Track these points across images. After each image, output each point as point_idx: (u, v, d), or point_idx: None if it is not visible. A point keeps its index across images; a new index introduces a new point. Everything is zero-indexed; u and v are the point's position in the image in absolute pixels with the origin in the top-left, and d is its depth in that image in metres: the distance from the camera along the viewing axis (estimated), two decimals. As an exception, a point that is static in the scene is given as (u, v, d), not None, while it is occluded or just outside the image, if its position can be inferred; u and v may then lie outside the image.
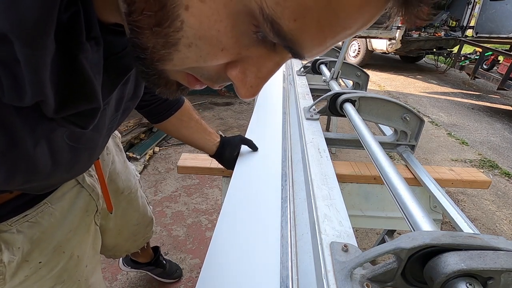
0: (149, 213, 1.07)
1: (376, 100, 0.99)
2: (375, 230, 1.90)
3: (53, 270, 0.59)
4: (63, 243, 0.60)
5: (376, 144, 0.72)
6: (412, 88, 5.47)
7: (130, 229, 0.98)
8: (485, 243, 0.34)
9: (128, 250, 1.06)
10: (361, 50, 6.56)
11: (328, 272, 0.40)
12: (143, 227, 1.04)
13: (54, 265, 0.58)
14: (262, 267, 0.51)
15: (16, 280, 0.53)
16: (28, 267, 0.54)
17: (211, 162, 1.01)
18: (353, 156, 2.82)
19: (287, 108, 1.29)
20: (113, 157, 0.82)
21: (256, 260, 0.52)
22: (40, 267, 0.56)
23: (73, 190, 0.62)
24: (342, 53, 1.33)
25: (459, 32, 6.38)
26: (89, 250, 0.69)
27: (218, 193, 2.16)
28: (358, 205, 1.02)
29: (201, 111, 3.69)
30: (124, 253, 1.06)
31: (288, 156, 0.87)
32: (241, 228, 0.60)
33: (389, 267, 0.36)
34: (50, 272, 0.58)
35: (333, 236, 0.48)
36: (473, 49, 5.81)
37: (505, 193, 2.48)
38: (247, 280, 0.48)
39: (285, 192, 0.71)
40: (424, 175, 0.92)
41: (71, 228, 0.61)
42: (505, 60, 4.16)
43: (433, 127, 3.80)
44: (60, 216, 0.58)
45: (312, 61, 1.73)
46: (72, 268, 0.62)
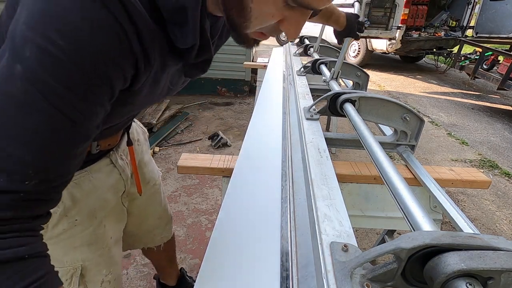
0: (169, 211, 1.13)
1: (376, 100, 0.99)
2: (375, 230, 1.90)
3: (85, 231, 0.69)
4: (96, 210, 0.71)
5: (376, 144, 0.72)
6: (412, 88, 5.47)
7: (151, 221, 1.03)
8: (485, 243, 0.34)
9: (145, 244, 1.10)
10: (361, 50, 6.56)
11: (328, 272, 0.40)
12: (163, 223, 1.09)
13: (86, 227, 0.69)
14: (262, 267, 0.51)
15: (55, 231, 0.63)
16: (67, 221, 0.65)
17: (211, 162, 1.01)
18: (353, 156, 2.82)
19: (287, 108, 1.29)
20: (143, 148, 0.93)
21: (256, 260, 0.52)
22: (75, 224, 0.66)
23: (108, 167, 0.74)
24: (342, 53, 1.33)
25: (459, 32, 6.38)
26: (115, 225, 0.80)
27: (218, 193, 2.16)
28: (358, 205, 1.02)
29: (201, 111, 3.69)
30: (141, 245, 1.10)
31: (288, 156, 0.87)
32: (241, 228, 0.60)
33: (389, 267, 0.36)
34: (82, 231, 0.69)
35: (333, 236, 0.48)
36: (473, 49, 5.81)
37: (505, 193, 2.48)
38: (247, 281, 0.48)
39: (285, 192, 0.71)
40: (424, 175, 0.92)
41: (104, 199, 0.72)
42: (505, 60, 4.16)
43: (433, 127, 3.80)
44: (96, 184, 0.70)
45: (312, 61, 1.73)
46: (100, 234, 0.73)
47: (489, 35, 5.66)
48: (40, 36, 0.32)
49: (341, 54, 1.33)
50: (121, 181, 0.79)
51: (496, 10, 5.51)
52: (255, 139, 0.93)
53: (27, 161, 0.34)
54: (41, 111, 0.33)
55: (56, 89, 0.33)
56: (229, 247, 0.55)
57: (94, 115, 0.38)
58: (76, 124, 0.35)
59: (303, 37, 2.73)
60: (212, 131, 3.08)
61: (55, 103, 0.33)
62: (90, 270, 0.73)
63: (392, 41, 5.78)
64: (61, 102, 0.33)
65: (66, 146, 0.36)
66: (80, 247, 0.70)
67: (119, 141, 0.77)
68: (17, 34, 0.33)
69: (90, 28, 0.32)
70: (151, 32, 0.38)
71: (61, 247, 0.62)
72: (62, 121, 0.34)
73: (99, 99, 0.37)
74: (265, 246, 0.55)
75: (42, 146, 0.34)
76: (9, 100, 0.32)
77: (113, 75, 0.36)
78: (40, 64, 0.32)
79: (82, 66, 0.33)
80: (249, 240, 0.57)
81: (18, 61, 0.32)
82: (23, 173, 0.34)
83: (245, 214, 0.64)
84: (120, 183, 0.79)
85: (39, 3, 0.32)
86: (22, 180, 0.34)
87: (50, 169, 0.36)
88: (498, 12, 5.47)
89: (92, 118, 0.37)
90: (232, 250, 0.55)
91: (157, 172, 1.03)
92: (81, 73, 0.33)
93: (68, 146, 0.37)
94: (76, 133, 0.37)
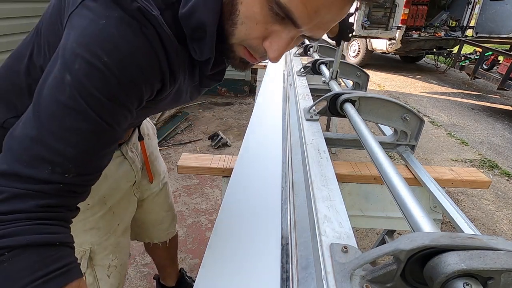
0: (174, 209, 1.19)
1: (376, 100, 0.99)
2: (375, 230, 1.90)
3: (95, 215, 0.76)
4: (107, 196, 0.78)
5: (376, 144, 0.72)
6: (412, 88, 5.47)
7: (159, 213, 1.09)
8: (484, 244, 0.34)
9: (150, 238, 1.14)
10: (361, 50, 6.56)
11: (328, 273, 0.40)
12: (169, 218, 1.15)
13: (96, 211, 0.76)
14: (262, 269, 0.51)
15: None
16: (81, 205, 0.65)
17: (211, 162, 1.01)
18: (353, 156, 2.82)
19: (287, 109, 1.29)
20: (152, 142, 1.00)
21: (256, 261, 0.52)
22: (87, 208, 0.73)
23: (119, 158, 0.81)
24: (338, 52, 1.33)
25: (459, 32, 6.38)
26: (124, 212, 0.86)
27: (218, 193, 2.16)
28: (358, 205, 1.02)
29: (201, 111, 3.69)
30: (146, 238, 1.15)
31: (288, 157, 0.87)
32: (241, 229, 0.60)
33: (388, 269, 0.36)
34: (93, 215, 0.76)
35: (333, 238, 0.48)
36: (473, 49, 5.81)
37: (505, 193, 2.48)
38: (247, 282, 0.48)
39: (285, 194, 0.71)
40: (424, 175, 0.92)
41: (114, 187, 0.80)
42: (505, 60, 4.16)
43: (433, 127, 3.80)
44: (108, 174, 0.76)
45: (312, 62, 1.73)
46: (108, 219, 0.80)
47: (489, 35, 5.66)
48: (88, 52, 0.37)
49: (337, 54, 1.33)
50: (132, 171, 0.85)
51: (496, 10, 5.51)
52: (254, 139, 0.93)
53: (68, 157, 0.39)
54: (84, 116, 0.38)
55: (98, 98, 0.39)
56: (229, 248, 0.55)
57: (125, 120, 0.44)
58: (111, 128, 0.42)
59: (303, 37, 2.73)
60: (212, 131, 3.08)
61: (96, 110, 0.39)
62: (98, 254, 0.79)
63: (392, 41, 5.79)
64: (101, 109, 0.39)
65: (100, 146, 0.42)
66: (90, 230, 0.76)
67: (130, 136, 0.85)
68: (68, 50, 0.38)
69: (131, 51, 0.39)
70: (177, 51, 0.44)
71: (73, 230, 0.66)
72: (100, 125, 0.40)
73: (131, 108, 0.43)
74: (265, 247, 0.55)
75: (82, 145, 0.40)
76: (58, 104, 0.38)
77: (143, 89, 0.43)
78: (87, 76, 0.38)
79: (121, 80, 0.39)
80: (249, 241, 0.57)
81: (68, 72, 0.38)
82: (64, 167, 0.39)
83: (245, 215, 0.64)
84: (131, 174, 0.85)
85: (90, 28, 0.38)
86: (63, 173, 0.39)
87: (86, 165, 0.41)
88: (498, 12, 5.47)
89: (123, 122, 0.44)
90: (232, 251, 0.55)
91: (164, 168, 1.10)
92: (120, 86, 0.40)
93: (102, 146, 0.42)
94: (110, 136, 0.43)
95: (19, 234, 0.36)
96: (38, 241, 0.36)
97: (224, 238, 0.57)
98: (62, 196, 0.40)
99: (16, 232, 0.35)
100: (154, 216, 1.09)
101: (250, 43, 0.45)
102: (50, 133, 0.38)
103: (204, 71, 0.51)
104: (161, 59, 0.42)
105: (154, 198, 1.04)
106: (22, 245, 0.35)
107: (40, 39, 0.51)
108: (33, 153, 0.38)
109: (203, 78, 0.55)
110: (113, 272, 0.84)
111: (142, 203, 1.00)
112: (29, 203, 0.37)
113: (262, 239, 0.57)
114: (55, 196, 0.39)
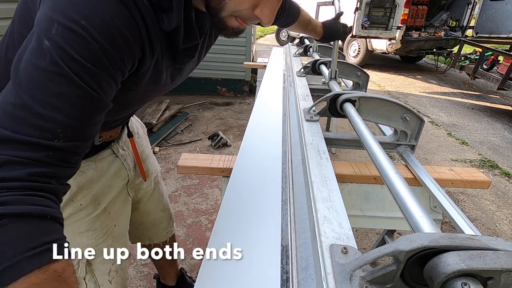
0: (171, 208, 1.19)
1: (376, 100, 0.99)
2: (375, 230, 1.90)
3: (89, 216, 0.74)
4: (100, 195, 0.76)
5: (376, 144, 0.72)
6: (412, 88, 5.47)
7: (156, 214, 1.10)
8: (483, 244, 0.34)
9: (151, 239, 1.14)
10: (361, 50, 6.56)
11: (328, 274, 0.40)
12: (167, 217, 1.15)
13: (91, 212, 0.75)
14: (262, 269, 0.51)
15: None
16: (72, 206, 0.70)
17: (211, 162, 1.01)
18: (353, 156, 2.82)
19: (287, 109, 1.29)
20: (142, 141, 0.99)
21: (256, 262, 0.52)
22: (80, 209, 0.72)
23: (111, 157, 0.80)
24: (334, 51, 1.32)
25: (459, 32, 6.38)
26: (120, 212, 0.85)
27: (218, 193, 2.16)
28: (358, 205, 1.02)
29: (201, 111, 3.69)
30: (147, 240, 1.14)
31: (288, 158, 0.87)
32: (241, 229, 0.60)
33: (388, 269, 0.36)
34: (87, 216, 0.74)
35: (333, 238, 0.48)
36: (473, 49, 5.81)
37: (505, 193, 2.48)
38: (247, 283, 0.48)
39: (285, 195, 0.71)
40: (424, 175, 0.92)
41: (107, 185, 0.78)
42: (505, 60, 4.16)
43: (433, 127, 3.80)
44: (100, 172, 0.76)
45: (312, 62, 1.72)
46: (103, 220, 0.78)
47: (489, 35, 5.66)
48: (64, 17, 0.37)
49: (333, 54, 1.33)
50: (124, 169, 0.84)
51: (496, 10, 5.51)
52: (255, 140, 0.93)
53: (57, 121, 0.38)
54: (67, 80, 0.38)
55: (80, 62, 0.38)
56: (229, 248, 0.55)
57: (109, 87, 0.43)
58: (97, 95, 0.41)
59: (303, 37, 2.73)
60: (212, 131, 3.08)
61: (79, 75, 0.38)
62: (96, 257, 0.76)
63: (392, 41, 5.78)
64: (84, 74, 0.39)
65: (88, 112, 0.42)
66: (85, 232, 0.75)
67: (119, 133, 0.84)
68: (42, 19, 0.38)
69: (111, 17, 0.39)
70: (152, 20, 0.45)
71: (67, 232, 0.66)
72: (85, 90, 0.40)
73: (114, 76, 0.43)
74: (265, 248, 0.55)
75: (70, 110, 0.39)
76: (39, 71, 0.37)
77: (125, 57, 0.43)
78: (65, 39, 0.37)
79: (103, 45, 0.39)
80: (249, 241, 0.57)
81: (45, 38, 0.37)
82: (53, 131, 0.38)
83: (245, 215, 0.64)
84: (123, 171, 0.84)
85: None
86: (52, 138, 0.38)
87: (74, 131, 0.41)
88: (498, 12, 5.47)
89: (108, 91, 0.43)
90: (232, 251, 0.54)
91: (157, 166, 1.09)
92: (102, 51, 0.39)
93: (90, 113, 0.42)
94: (97, 103, 0.42)
95: (11, 203, 0.35)
96: (30, 212, 0.36)
97: (224, 238, 0.57)
98: (52, 164, 0.39)
99: (9, 201, 0.35)
100: (152, 217, 1.09)
101: (240, 13, 0.48)
102: (35, 99, 0.37)
103: (176, 43, 0.51)
104: (139, 26, 0.43)
105: (148, 199, 1.03)
106: (15, 214, 0.35)
107: (14, 34, 0.52)
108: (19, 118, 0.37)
109: (177, 54, 0.55)
110: (115, 277, 0.82)
111: (138, 205, 1.00)
112: (21, 171, 0.36)
113: (262, 240, 0.57)
114: (46, 164, 0.38)
